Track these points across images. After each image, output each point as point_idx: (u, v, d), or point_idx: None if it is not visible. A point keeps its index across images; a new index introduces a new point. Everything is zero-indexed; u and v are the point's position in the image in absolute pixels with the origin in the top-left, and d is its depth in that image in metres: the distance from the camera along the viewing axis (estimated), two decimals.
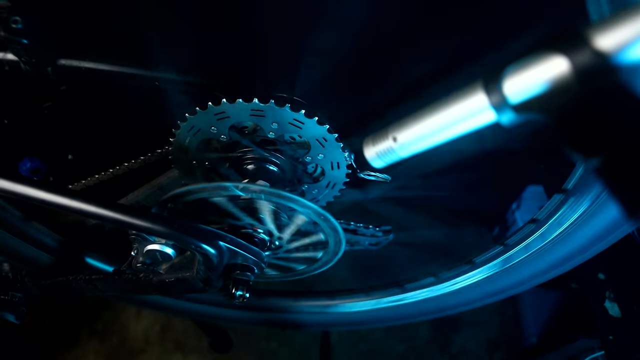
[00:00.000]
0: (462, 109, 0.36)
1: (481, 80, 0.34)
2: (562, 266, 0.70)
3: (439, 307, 0.91)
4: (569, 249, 0.66)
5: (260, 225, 0.61)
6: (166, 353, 1.49)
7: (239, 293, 0.57)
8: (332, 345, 1.48)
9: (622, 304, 0.94)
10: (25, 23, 0.54)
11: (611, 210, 0.56)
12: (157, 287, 0.60)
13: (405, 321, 0.96)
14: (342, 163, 0.64)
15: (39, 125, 0.94)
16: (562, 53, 0.28)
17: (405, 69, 0.73)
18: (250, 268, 0.59)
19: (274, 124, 0.59)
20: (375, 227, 0.80)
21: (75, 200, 0.49)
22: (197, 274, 0.57)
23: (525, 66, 0.31)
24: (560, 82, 0.29)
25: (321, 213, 0.57)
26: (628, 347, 0.90)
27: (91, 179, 0.76)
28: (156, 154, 0.71)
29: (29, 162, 0.92)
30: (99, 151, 0.94)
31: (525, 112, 0.32)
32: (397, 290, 0.90)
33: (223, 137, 0.62)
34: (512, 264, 0.74)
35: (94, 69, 0.62)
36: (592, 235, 0.61)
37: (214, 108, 0.57)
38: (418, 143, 0.42)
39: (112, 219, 0.50)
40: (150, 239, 0.56)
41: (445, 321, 0.96)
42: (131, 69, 0.63)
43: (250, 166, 0.65)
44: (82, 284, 0.65)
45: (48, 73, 0.61)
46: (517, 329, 1.50)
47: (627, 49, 0.27)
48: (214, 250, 0.55)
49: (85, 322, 1.54)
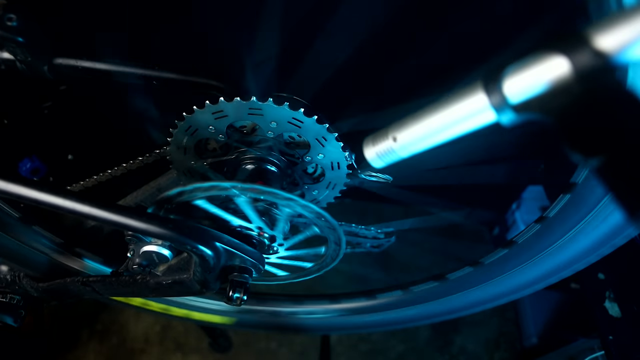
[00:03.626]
0: (462, 109, 0.36)
1: (481, 80, 0.34)
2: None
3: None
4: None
5: (258, 226, 0.61)
6: (166, 353, 1.49)
7: (236, 295, 0.57)
8: (332, 345, 1.48)
9: (622, 304, 0.94)
10: (21, 21, 0.54)
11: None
12: (154, 289, 0.59)
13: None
14: (343, 163, 0.64)
15: (39, 125, 0.94)
16: (562, 53, 0.28)
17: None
18: (248, 270, 0.58)
19: (272, 123, 0.58)
20: (377, 230, 0.80)
21: (68, 200, 0.48)
22: (194, 276, 0.56)
23: (525, 66, 0.31)
24: (561, 83, 0.29)
25: (321, 214, 0.57)
26: (628, 347, 0.90)
27: (89, 180, 0.75)
28: (154, 155, 0.71)
29: (29, 162, 0.92)
30: (99, 151, 0.94)
31: (525, 112, 0.32)
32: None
33: (221, 137, 0.62)
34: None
35: (91, 68, 0.62)
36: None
37: (211, 107, 0.57)
38: (418, 143, 0.42)
39: (105, 219, 0.49)
40: (146, 240, 0.56)
41: (445, 321, 0.96)
42: (128, 68, 0.63)
43: (249, 166, 0.64)
44: (80, 286, 0.65)
45: (44, 72, 0.61)
46: (517, 329, 1.50)
47: (627, 49, 0.26)
48: (210, 252, 0.54)
49: (85, 323, 1.54)
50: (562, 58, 0.28)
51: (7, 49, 0.58)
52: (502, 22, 0.71)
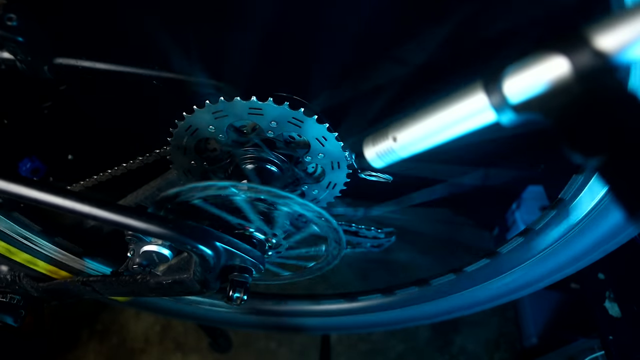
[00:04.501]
0: (462, 109, 0.36)
1: (481, 80, 0.34)
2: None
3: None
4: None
5: (258, 226, 0.61)
6: (166, 353, 1.49)
7: (237, 295, 0.57)
8: (332, 345, 1.48)
9: (622, 304, 0.94)
10: (21, 21, 0.54)
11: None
12: (154, 288, 0.59)
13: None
14: (343, 163, 0.64)
15: (39, 125, 0.94)
16: (562, 53, 0.28)
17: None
18: (248, 269, 0.58)
19: (272, 122, 0.58)
20: (378, 229, 0.80)
21: (68, 200, 0.48)
22: (194, 276, 0.56)
23: (525, 66, 0.31)
24: (561, 83, 0.29)
25: (321, 214, 0.57)
26: (628, 347, 0.90)
27: (89, 179, 0.76)
28: (154, 155, 0.71)
29: (28, 162, 0.92)
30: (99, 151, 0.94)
31: (525, 112, 0.32)
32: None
33: (221, 137, 0.62)
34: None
35: (91, 68, 0.62)
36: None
37: (211, 107, 0.57)
38: (418, 143, 0.42)
39: (105, 219, 0.49)
40: (146, 239, 0.56)
41: (445, 321, 0.96)
42: (128, 68, 0.63)
43: (249, 166, 0.64)
44: (80, 286, 0.65)
45: (44, 72, 0.61)
46: (517, 329, 1.50)
47: (627, 49, 0.26)
48: (210, 251, 0.54)
49: (85, 323, 1.54)
50: (562, 58, 0.28)
51: (7, 48, 0.58)
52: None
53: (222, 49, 0.76)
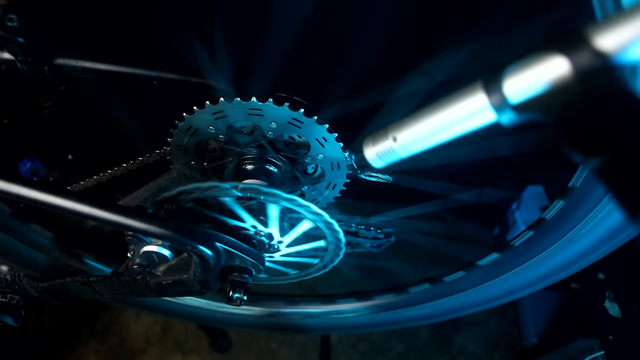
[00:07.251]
0: (462, 109, 0.36)
1: (481, 80, 0.34)
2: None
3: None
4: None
5: (258, 226, 0.61)
6: (166, 353, 1.49)
7: (237, 295, 0.57)
8: (332, 345, 1.48)
9: (622, 304, 0.94)
10: (21, 21, 0.54)
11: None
12: (154, 289, 0.59)
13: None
14: (342, 163, 0.64)
15: (39, 125, 0.93)
16: (562, 53, 0.28)
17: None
18: (248, 270, 0.58)
19: (272, 123, 0.58)
20: (377, 230, 0.80)
21: (68, 200, 0.48)
22: (194, 276, 0.56)
23: (526, 66, 0.31)
24: (561, 83, 0.29)
25: (321, 214, 0.57)
26: (628, 347, 0.90)
27: (89, 180, 0.75)
28: (154, 155, 0.71)
29: (28, 162, 0.92)
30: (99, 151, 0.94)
31: (525, 113, 0.32)
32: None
33: (221, 137, 0.62)
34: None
35: (91, 69, 0.62)
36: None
37: (211, 107, 0.57)
38: (418, 143, 0.42)
39: (105, 220, 0.49)
40: (146, 240, 0.56)
41: (445, 321, 0.96)
42: (129, 68, 0.63)
43: (249, 166, 0.64)
44: (80, 286, 0.65)
45: (45, 72, 0.61)
46: (517, 329, 1.50)
47: (627, 49, 0.26)
48: (210, 252, 0.54)
49: (85, 323, 1.54)
50: (562, 58, 0.28)
51: (8, 49, 0.58)
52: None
53: (222, 49, 0.76)
